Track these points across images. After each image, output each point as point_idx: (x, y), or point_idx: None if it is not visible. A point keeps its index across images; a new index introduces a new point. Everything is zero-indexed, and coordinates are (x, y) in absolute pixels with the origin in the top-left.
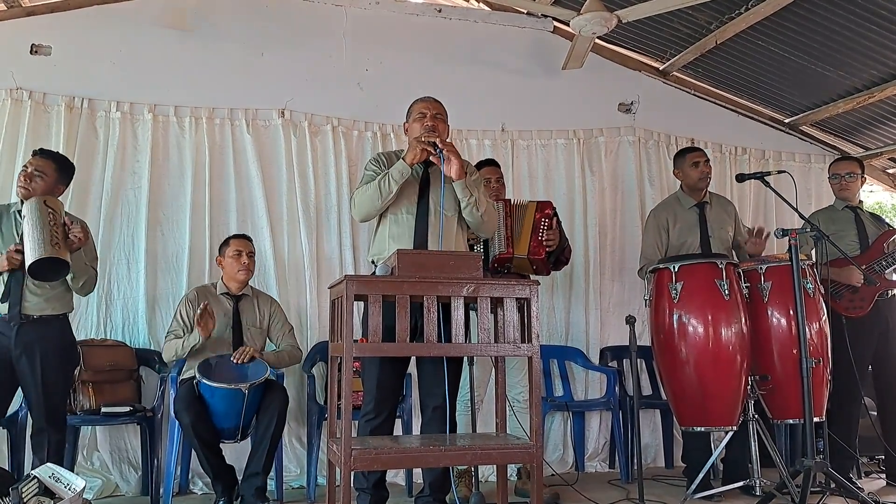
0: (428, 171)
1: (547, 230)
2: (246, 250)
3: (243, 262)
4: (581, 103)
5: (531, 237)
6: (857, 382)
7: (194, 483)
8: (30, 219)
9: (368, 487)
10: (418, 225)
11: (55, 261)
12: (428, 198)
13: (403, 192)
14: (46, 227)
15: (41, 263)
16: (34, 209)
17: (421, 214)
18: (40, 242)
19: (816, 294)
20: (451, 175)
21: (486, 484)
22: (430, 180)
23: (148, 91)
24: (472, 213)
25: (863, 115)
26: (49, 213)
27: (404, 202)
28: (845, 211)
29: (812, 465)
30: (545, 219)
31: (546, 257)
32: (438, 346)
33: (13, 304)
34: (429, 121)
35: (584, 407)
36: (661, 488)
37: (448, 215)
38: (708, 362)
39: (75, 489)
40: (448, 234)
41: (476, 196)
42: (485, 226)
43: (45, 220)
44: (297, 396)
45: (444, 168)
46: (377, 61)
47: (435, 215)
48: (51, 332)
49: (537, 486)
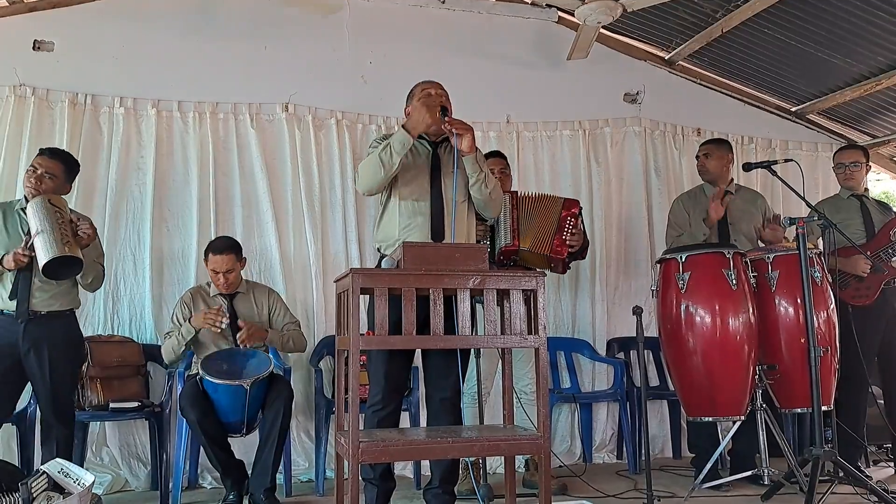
0: (437, 151)
1: (573, 229)
2: (223, 269)
3: (220, 282)
4: (586, 94)
5: (555, 235)
6: (864, 371)
7: (203, 477)
8: (36, 218)
9: (375, 478)
10: (434, 210)
11: (68, 259)
12: (441, 181)
13: (414, 176)
14: (56, 226)
15: (54, 262)
16: (39, 208)
17: (435, 198)
18: (52, 242)
19: (824, 283)
20: (464, 148)
21: (494, 476)
22: (441, 163)
23: (151, 86)
24: (480, 189)
25: (870, 102)
26: (55, 211)
27: (415, 187)
28: (851, 199)
29: (820, 453)
30: (571, 217)
31: (567, 257)
32: (445, 339)
33: (21, 300)
34: (435, 98)
35: (592, 398)
36: (669, 478)
37: (460, 201)
38: (715, 352)
39: (84, 484)
40: (461, 220)
41: (486, 172)
42: (492, 204)
43: (53, 219)
44: (304, 391)
45: (457, 142)
46: (380, 53)
47: (447, 200)
48: (58, 328)
49: (545, 477)
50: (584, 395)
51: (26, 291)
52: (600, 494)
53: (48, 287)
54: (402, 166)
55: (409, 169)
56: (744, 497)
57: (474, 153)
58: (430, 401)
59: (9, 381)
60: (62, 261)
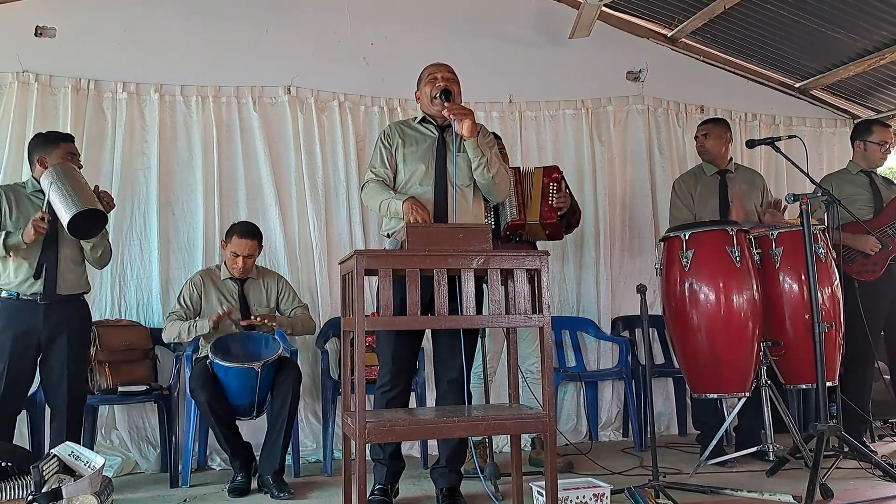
0: (443, 135)
1: (556, 193)
2: (244, 253)
3: (238, 265)
4: (589, 72)
5: (541, 202)
6: (870, 346)
7: (212, 459)
8: (58, 180)
9: (385, 458)
10: (438, 196)
11: (94, 212)
12: (445, 167)
13: (419, 162)
14: (78, 183)
15: (78, 217)
16: (61, 171)
17: (439, 183)
18: (75, 198)
19: (828, 259)
20: (464, 132)
21: (500, 455)
22: (447, 148)
23: (154, 71)
24: (483, 173)
25: (874, 77)
26: (73, 170)
27: (420, 174)
28: (860, 175)
29: (825, 429)
30: (553, 182)
31: (559, 221)
32: (450, 319)
33: (49, 279)
34: (441, 82)
35: (597, 377)
36: (675, 455)
37: (463, 186)
38: (720, 329)
39: (95, 466)
40: (465, 204)
41: (488, 156)
42: (496, 188)
43: (73, 177)
44: (311, 372)
45: (457, 127)
46: (382, 35)
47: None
48: (77, 310)
49: (551, 455)
50: (589, 373)
51: (53, 273)
52: (606, 472)
53: (72, 269)
54: (407, 153)
55: (413, 155)
56: (749, 473)
57: (475, 137)
58: (439, 382)
59: (28, 370)
60: (87, 215)
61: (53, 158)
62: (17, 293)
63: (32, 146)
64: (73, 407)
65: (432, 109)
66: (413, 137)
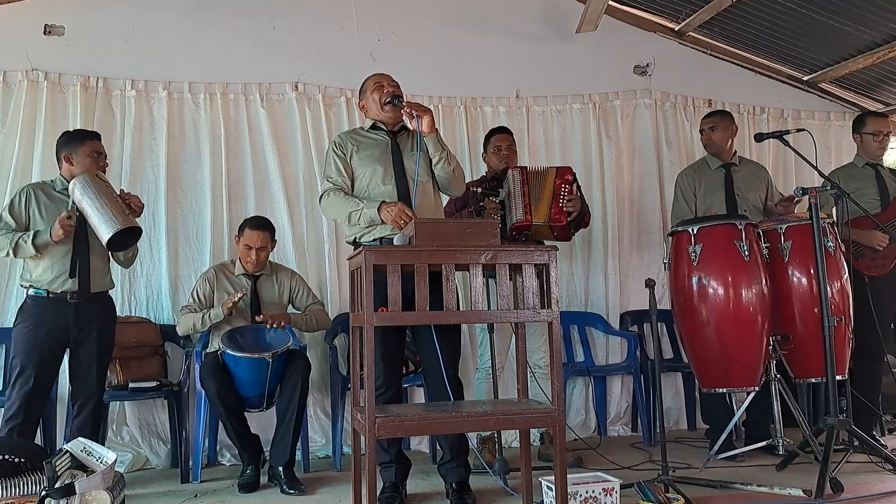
0: (396, 140)
1: (567, 196)
2: (257, 245)
3: (252, 258)
4: (596, 67)
5: (551, 204)
6: (879, 340)
7: (222, 455)
8: (90, 194)
9: (392, 460)
10: (400, 193)
11: (132, 229)
12: (402, 166)
13: (376, 166)
14: (112, 199)
15: (120, 233)
16: (89, 184)
17: (399, 182)
18: (113, 215)
19: (837, 252)
20: (424, 129)
21: (509, 450)
22: (402, 149)
23: (161, 68)
24: (444, 167)
25: (883, 70)
26: (105, 184)
27: (380, 177)
28: (866, 168)
29: (835, 423)
30: (565, 185)
31: (567, 224)
32: (458, 314)
33: (83, 277)
34: (388, 88)
35: (606, 372)
36: (685, 450)
37: (423, 181)
38: (729, 324)
39: (107, 462)
40: (426, 199)
41: (447, 151)
42: (455, 181)
43: (108, 192)
44: (320, 368)
45: (416, 124)
46: (389, 31)
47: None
48: (104, 307)
49: (560, 450)
50: (597, 368)
51: (86, 270)
52: (616, 467)
53: (101, 267)
54: (363, 157)
55: (369, 158)
56: (759, 467)
57: (434, 133)
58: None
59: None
60: (127, 231)
61: (79, 156)
62: (48, 291)
63: (60, 144)
64: (98, 402)
65: (382, 115)
66: (366, 143)
